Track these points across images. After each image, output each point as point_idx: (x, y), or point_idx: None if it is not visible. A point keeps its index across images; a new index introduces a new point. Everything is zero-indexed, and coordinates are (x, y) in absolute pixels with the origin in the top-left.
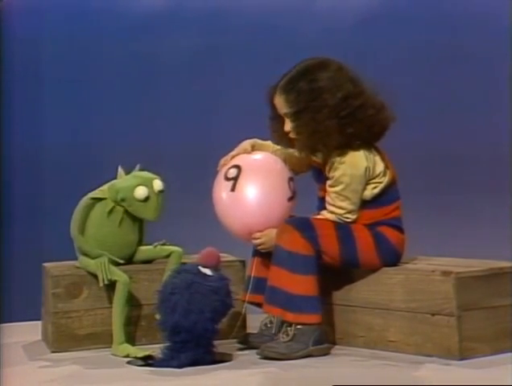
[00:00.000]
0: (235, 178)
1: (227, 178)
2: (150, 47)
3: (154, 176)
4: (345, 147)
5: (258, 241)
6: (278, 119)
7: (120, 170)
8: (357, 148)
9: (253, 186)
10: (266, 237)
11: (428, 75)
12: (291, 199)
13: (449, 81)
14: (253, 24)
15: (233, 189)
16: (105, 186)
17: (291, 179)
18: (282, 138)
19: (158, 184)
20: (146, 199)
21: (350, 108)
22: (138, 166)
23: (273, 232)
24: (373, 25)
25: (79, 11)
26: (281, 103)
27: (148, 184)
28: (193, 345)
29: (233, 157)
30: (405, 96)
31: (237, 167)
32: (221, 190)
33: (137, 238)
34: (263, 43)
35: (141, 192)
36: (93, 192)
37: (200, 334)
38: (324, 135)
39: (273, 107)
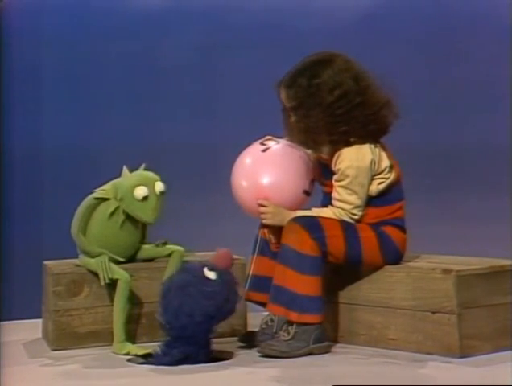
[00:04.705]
0: (270, 146)
1: (263, 144)
2: (150, 46)
3: (157, 177)
4: (341, 144)
5: (263, 209)
6: (286, 112)
7: (125, 169)
8: (362, 141)
9: (283, 157)
10: (273, 209)
11: (429, 73)
12: (306, 192)
13: (449, 80)
14: (253, 23)
15: (264, 151)
16: (109, 185)
17: (313, 180)
18: (291, 131)
19: (159, 185)
20: (145, 198)
21: (347, 106)
22: (143, 166)
23: (280, 209)
24: (372, 23)
25: (79, 11)
26: (283, 97)
27: (149, 184)
28: (184, 342)
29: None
30: (405, 95)
31: (276, 141)
32: (252, 151)
33: (138, 240)
34: (264, 41)
35: (140, 192)
36: (97, 192)
37: (190, 335)
38: (314, 132)
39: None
